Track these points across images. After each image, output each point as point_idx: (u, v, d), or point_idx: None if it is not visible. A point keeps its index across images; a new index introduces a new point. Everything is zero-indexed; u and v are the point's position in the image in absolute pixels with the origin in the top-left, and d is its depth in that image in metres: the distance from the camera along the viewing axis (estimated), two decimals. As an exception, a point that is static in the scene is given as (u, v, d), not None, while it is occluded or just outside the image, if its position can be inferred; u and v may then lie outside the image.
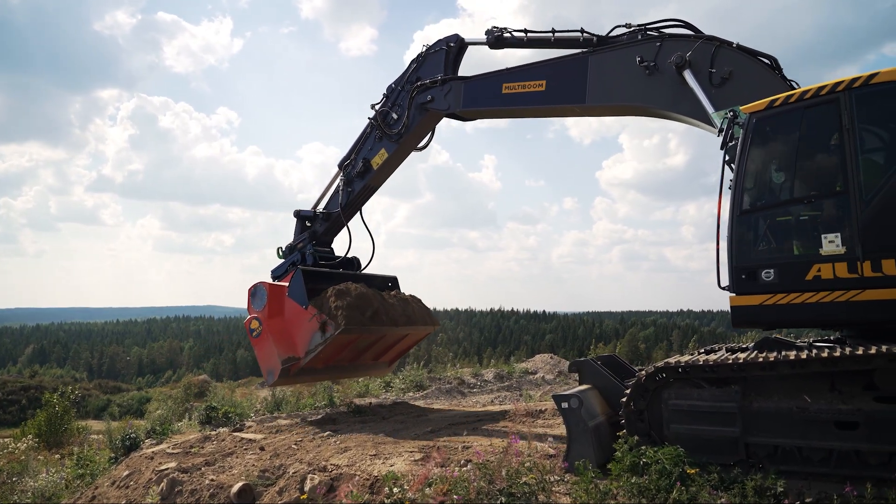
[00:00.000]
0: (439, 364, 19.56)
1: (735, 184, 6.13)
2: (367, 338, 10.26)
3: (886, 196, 5.46)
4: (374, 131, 10.45)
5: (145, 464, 8.45)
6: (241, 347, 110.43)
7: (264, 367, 10.06)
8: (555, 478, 5.72)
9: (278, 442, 8.56)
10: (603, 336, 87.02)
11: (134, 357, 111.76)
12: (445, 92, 9.73)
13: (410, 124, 10.08)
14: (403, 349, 11.83)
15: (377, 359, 11.37)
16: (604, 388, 6.90)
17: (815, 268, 5.67)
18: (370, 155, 10.47)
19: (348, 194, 10.69)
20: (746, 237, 6.10)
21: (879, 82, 5.59)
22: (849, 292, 5.51)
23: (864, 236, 5.46)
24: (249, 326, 10.16)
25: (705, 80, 7.23)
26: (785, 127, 6.11)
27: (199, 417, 11.59)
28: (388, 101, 10.35)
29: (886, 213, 5.44)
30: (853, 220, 5.53)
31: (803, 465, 5.31)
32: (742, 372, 5.58)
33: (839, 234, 5.58)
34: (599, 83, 8.29)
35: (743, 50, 7.20)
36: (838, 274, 5.55)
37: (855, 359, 5.09)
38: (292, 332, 9.97)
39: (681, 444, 5.59)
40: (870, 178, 5.57)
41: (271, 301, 10.11)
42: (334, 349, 9.89)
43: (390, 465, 6.76)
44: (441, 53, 10.00)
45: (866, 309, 5.46)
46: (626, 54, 8.02)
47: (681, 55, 7.37)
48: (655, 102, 7.85)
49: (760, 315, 5.98)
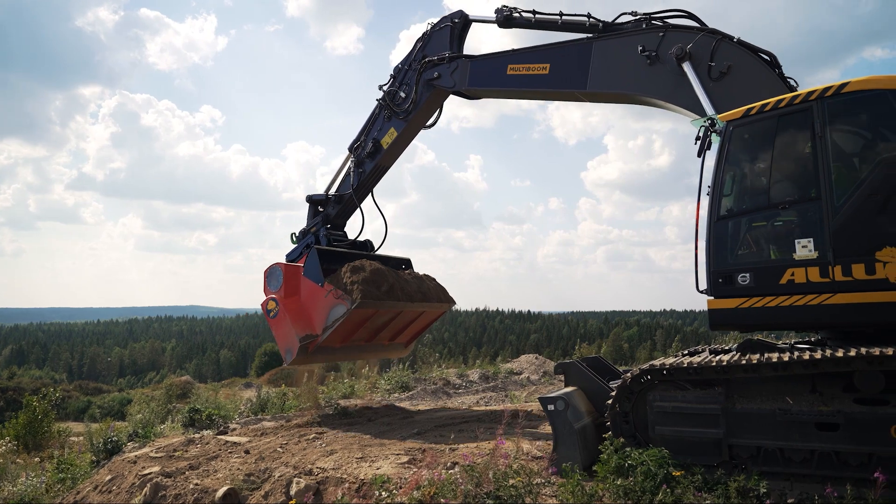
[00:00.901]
0: (425, 364, 19.56)
1: (713, 190, 6.28)
2: (384, 314, 10.24)
3: (856, 202, 5.62)
4: (383, 112, 10.56)
5: (128, 468, 8.35)
6: (224, 348, 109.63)
7: (283, 346, 10.08)
8: (541, 480, 5.75)
9: (263, 445, 8.51)
10: (587, 336, 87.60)
11: (115, 358, 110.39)
12: (452, 70, 9.82)
13: (419, 101, 10.18)
14: (420, 329, 11.79)
15: (394, 339, 11.37)
16: (589, 389, 6.95)
17: (788, 272, 5.82)
18: (380, 135, 10.57)
19: (359, 175, 10.75)
20: (723, 242, 6.24)
21: (849, 91, 5.76)
22: (821, 296, 5.66)
23: (835, 241, 5.62)
24: (266, 307, 10.21)
25: (704, 73, 7.29)
26: (761, 135, 6.26)
27: (182, 420, 11.49)
28: (396, 81, 10.47)
29: (856, 219, 5.59)
30: (825, 225, 5.68)
31: (785, 466, 5.39)
32: (725, 374, 5.65)
33: (812, 239, 5.74)
34: (601, 70, 8.35)
35: (743, 45, 7.25)
36: (811, 278, 5.71)
37: (835, 361, 5.18)
38: (309, 311, 10.02)
39: (665, 446, 5.67)
40: (841, 184, 5.74)
41: (287, 281, 10.21)
42: (351, 326, 9.89)
43: (377, 469, 6.75)
44: (446, 30, 10.10)
45: (838, 312, 5.61)
46: (628, 42, 8.07)
47: (681, 47, 7.41)
48: (654, 92, 7.90)
49: (737, 318, 6.12)
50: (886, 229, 5.47)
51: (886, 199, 5.49)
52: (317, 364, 10.80)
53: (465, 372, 17.76)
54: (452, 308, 11.98)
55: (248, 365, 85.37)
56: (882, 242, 5.45)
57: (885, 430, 4.99)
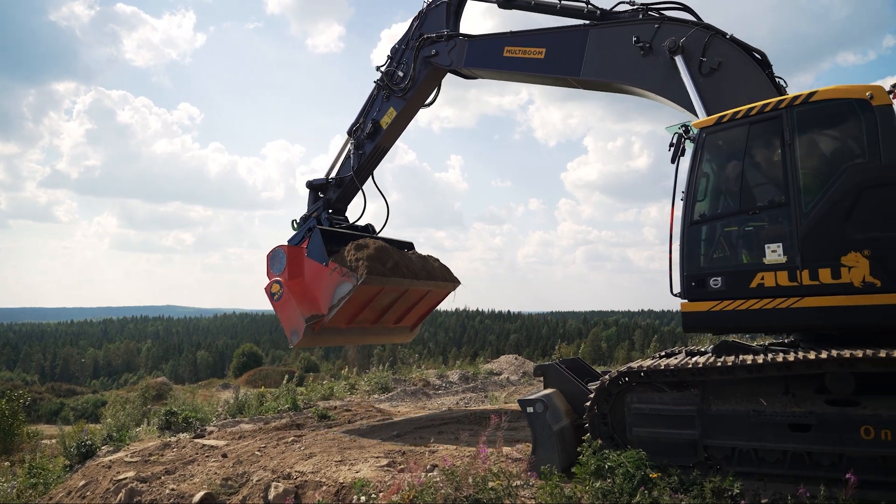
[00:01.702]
0: (404, 365, 19.54)
1: (686, 195, 6.39)
2: (389, 292, 10.15)
3: (823, 208, 5.76)
4: (381, 92, 10.57)
5: (102, 473, 8.21)
6: (202, 348, 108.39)
7: (288, 327, 9.95)
8: (520, 482, 5.78)
9: (241, 448, 8.43)
10: (567, 336, 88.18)
11: (89, 359, 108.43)
12: (450, 48, 9.83)
13: (417, 78, 10.18)
14: (425, 311, 11.71)
15: (399, 321, 11.28)
16: (568, 391, 6.99)
17: (758, 276, 5.95)
18: (379, 116, 10.56)
19: (360, 157, 10.71)
20: (696, 246, 6.35)
21: (817, 100, 5.92)
22: (789, 299, 5.80)
23: (803, 246, 5.76)
24: (270, 291, 10.11)
25: (695, 67, 7.34)
26: (733, 141, 6.38)
27: (158, 423, 11.33)
28: (393, 62, 10.48)
29: (823, 225, 5.73)
30: (793, 231, 5.82)
31: (759, 467, 5.48)
32: (701, 376, 5.74)
33: (781, 244, 5.88)
34: (595, 58, 8.38)
35: (736, 42, 7.31)
36: (780, 282, 5.84)
37: (807, 363, 5.28)
38: (314, 291, 9.92)
39: (642, 447, 5.73)
40: (809, 191, 5.87)
41: (290, 263, 10.13)
42: (357, 304, 9.81)
43: (356, 472, 6.72)
44: (442, 7, 10.13)
45: (805, 316, 5.75)
46: (624, 32, 8.09)
47: (674, 40, 7.45)
48: (645, 84, 7.93)
49: (709, 321, 6.23)
50: (851, 235, 5.61)
51: (851, 206, 5.64)
52: (322, 346, 10.64)
53: (444, 373, 17.79)
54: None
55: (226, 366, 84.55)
56: (847, 248, 5.60)
57: (856, 431, 5.10)
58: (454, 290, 11.66)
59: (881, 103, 5.65)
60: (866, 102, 5.69)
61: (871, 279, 5.48)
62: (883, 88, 5.74)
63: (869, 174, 5.66)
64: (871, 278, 5.48)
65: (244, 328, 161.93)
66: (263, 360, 76.23)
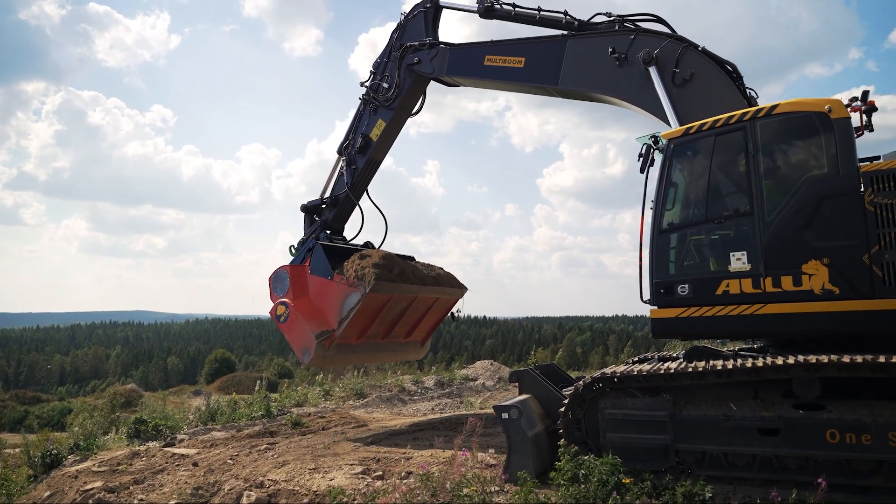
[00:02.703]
0: (379, 371, 19.44)
1: (655, 204, 6.54)
2: (399, 299, 9.99)
3: (784, 218, 5.94)
4: (368, 106, 10.66)
5: (69, 483, 8.00)
6: (173, 354, 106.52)
7: (299, 347, 9.73)
8: (495, 488, 5.79)
9: (213, 456, 8.30)
10: (542, 341, 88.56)
11: (55, 365, 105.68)
12: (432, 56, 9.97)
13: (402, 86, 10.28)
14: (434, 322, 11.55)
15: (409, 334, 11.11)
16: (543, 397, 7.04)
17: (724, 283, 6.11)
18: (368, 129, 10.61)
19: (353, 173, 10.70)
20: (665, 254, 6.51)
21: (779, 113, 6.13)
22: (753, 306, 5.96)
23: (766, 255, 5.94)
24: (276, 313, 9.91)
25: (668, 78, 7.54)
26: (700, 152, 6.56)
27: (127, 431, 11.07)
28: (377, 75, 10.58)
29: (784, 234, 5.91)
30: (757, 239, 5.99)
31: (729, 471, 5.58)
32: (673, 381, 5.84)
33: (745, 252, 6.05)
34: (572, 67, 8.56)
35: (708, 55, 7.51)
36: (744, 289, 6.01)
37: (775, 368, 5.41)
38: (322, 307, 9.73)
39: (616, 452, 5.80)
40: (771, 200, 6.05)
41: (294, 282, 9.98)
42: (368, 315, 9.66)
43: (331, 480, 6.67)
44: (420, 16, 10.32)
45: (769, 322, 5.91)
46: (600, 42, 8.28)
47: (649, 51, 7.64)
48: (620, 94, 8.11)
49: (677, 327, 6.38)
50: (811, 244, 5.79)
51: (811, 216, 5.83)
52: (334, 365, 10.31)
53: (420, 378, 17.73)
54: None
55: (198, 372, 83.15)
56: (808, 256, 5.78)
57: (822, 435, 5.23)
58: (462, 296, 11.54)
59: (839, 116, 5.85)
60: (825, 115, 5.88)
61: (830, 286, 5.66)
62: (841, 102, 5.94)
63: (827, 185, 5.84)
64: (831, 286, 5.66)
65: (217, 333, 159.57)
66: (237, 367, 75.13)
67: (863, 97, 6.27)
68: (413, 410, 12.97)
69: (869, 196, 5.63)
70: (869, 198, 5.63)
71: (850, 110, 6.02)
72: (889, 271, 5.50)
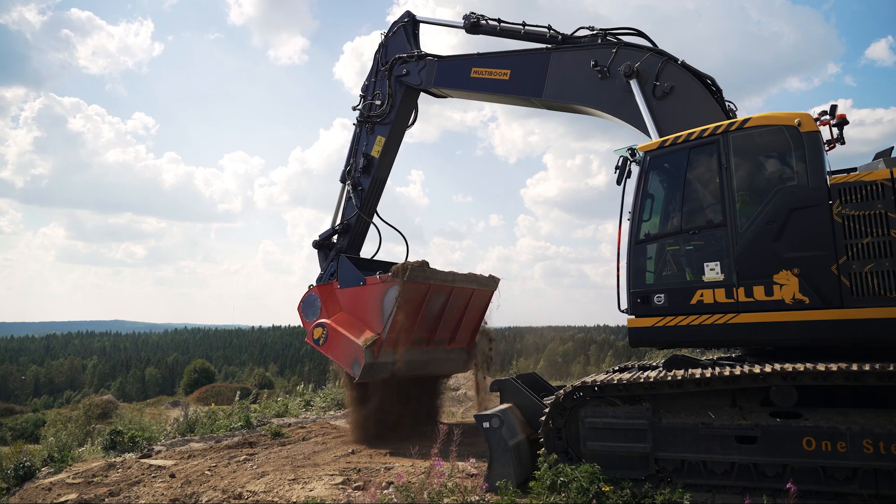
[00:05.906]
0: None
1: (632, 215, 6.65)
2: (436, 291, 9.83)
3: (756, 229, 6.06)
4: (364, 127, 10.74)
5: (42, 495, 7.83)
6: (151, 365, 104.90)
7: (346, 362, 9.41)
8: (476, 498, 5.77)
9: (190, 468, 8.17)
10: (524, 351, 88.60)
11: (30, 376, 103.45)
12: (420, 68, 10.12)
13: (395, 97, 10.40)
14: (475, 321, 11.36)
15: (453, 337, 10.85)
16: (524, 406, 7.05)
17: (698, 293, 6.22)
18: (368, 148, 10.67)
19: (360, 194, 10.70)
20: (641, 265, 6.61)
21: (751, 126, 6.28)
22: (726, 315, 6.07)
23: (738, 265, 6.06)
24: (314, 337, 9.75)
25: (649, 91, 7.70)
26: (675, 164, 6.69)
27: (102, 442, 10.87)
28: (368, 96, 10.71)
29: (756, 245, 6.03)
30: (730, 250, 6.11)
31: (708, 478, 5.63)
32: (652, 390, 5.89)
33: (719, 262, 6.17)
34: (556, 80, 8.74)
35: (687, 68, 7.68)
36: (718, 299, 6.12)
37: (752, 377, 5.48)
38: (361, 315, 9.61)
39: (596, 461, 5.83)
40: (744, 212, 6.18)
41: (326, 302, 9.96)
42: (409, 313, 9.49)
43: (310, 490, 6.60)
44: (400, 32, 10.53)
45: (742, 331, 6.02)
46: (583, 56, 8.45)
47: (630, 65, 7.80)
48: (602, 106, 8.27)
49: (654, 336, 6.47)
50: (782, 254, 5.91)
51: (782, 227, 5.95)
52: (384, 376, 9.89)
53: (402, 388, 17.62)
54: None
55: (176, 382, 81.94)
56: (778, 266, 5.90)
57: (798, 443, 5.31)
58: (496, 288, 11.45)
59: (808, 129, 6.00)
60: (795, 129, 6.03)
61: (801, 296, 5.78)
62: (810, 116, 6.09)
63: (797, 196, 5.97)
64: (801, 295, 5.78)
65: (196, 343, 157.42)
66: (216, 377, 74.18)
67: (831, 111, 6.45)
68: (395, 420, 12.87)
69: (837, 208, 5.77)
70: (837, 209, 5.77)
71: (820, 124, 6.18)
72: (856, 281, 5.63)
